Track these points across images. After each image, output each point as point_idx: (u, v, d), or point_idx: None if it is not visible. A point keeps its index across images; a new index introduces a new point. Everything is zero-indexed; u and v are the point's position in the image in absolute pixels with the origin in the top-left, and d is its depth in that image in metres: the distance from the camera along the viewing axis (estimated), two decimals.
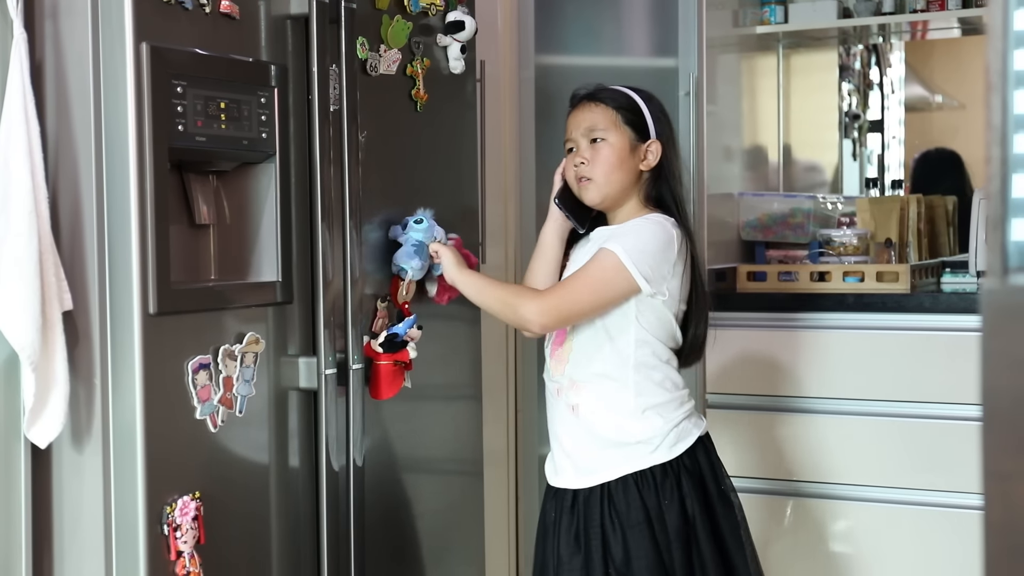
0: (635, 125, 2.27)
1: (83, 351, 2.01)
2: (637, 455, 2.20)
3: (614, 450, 2.21)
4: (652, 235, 2.20)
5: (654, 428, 2.21)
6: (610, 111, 2.27)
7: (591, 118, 2.27)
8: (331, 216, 2.24)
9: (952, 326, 2.91)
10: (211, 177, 2.20)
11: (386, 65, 2.41)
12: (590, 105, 2.29)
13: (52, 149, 2.01)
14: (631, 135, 2.26)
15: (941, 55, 4.42)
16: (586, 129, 2.27)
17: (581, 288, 2.20)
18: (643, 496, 2.18)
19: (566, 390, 2.26)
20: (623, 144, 2.25)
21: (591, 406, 2.23)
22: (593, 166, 2.25)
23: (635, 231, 2.21)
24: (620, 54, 3.50)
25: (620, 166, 2.25)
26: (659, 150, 2.27)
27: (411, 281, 2.35)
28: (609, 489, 2.20)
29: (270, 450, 2.19)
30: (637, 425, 2.21)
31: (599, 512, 2.19)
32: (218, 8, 2.07)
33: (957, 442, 2.87)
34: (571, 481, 2.25)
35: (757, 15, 3.72)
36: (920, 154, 4.39)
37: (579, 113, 2.29)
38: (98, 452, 2.00)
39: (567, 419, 2.26)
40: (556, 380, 2.29)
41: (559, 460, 2.29)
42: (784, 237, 3.51)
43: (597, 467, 2.22)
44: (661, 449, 2.20)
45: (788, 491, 3.09)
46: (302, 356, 2.24)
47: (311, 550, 2.26)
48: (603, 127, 2.26)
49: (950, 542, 2.89)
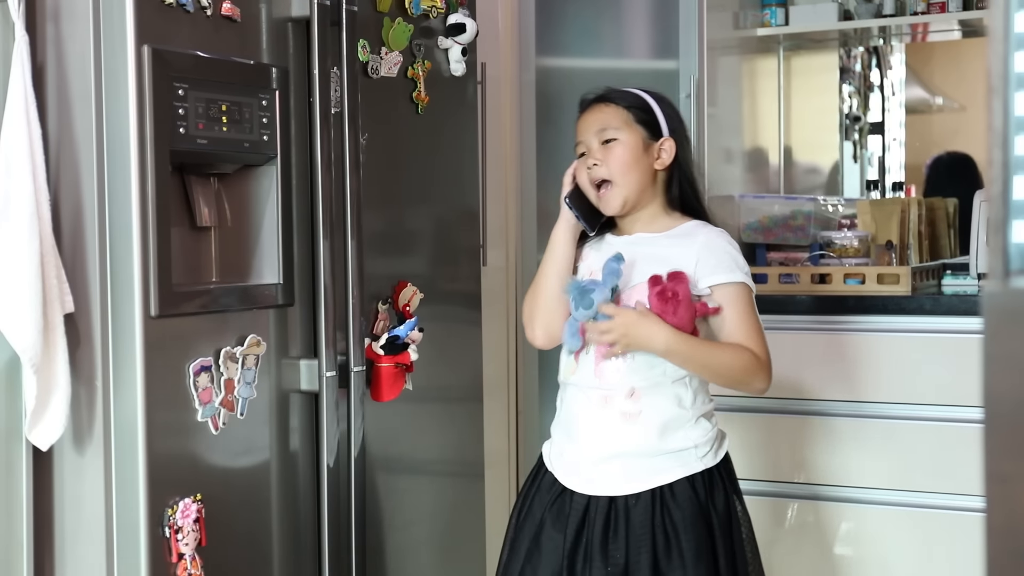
0: (647, 124, 2.22)
1: (84, 353, 2.01)
2: (690, 459, 2.16)
3: (668, 456, 2.15)
4: (736, 247, 2.21)
5: (705, 433, 2.18)
6: (621, 110, 2.22)
7: (602, 119, 2.22)
8: (332, 218, 2.24)
9: (953, 328, 2.91)
10: (212, 179, 2.21)
11: (387, 67, 2.41)
12: (600, 106, 2.23)
13: (53, 152, 2.02)
14: (644, 133, 2.21)
15: (942, 57, 4.42)
16: (598, 130, 2.21)
17: (761, 329, 2.20)
18: (696, 496, 2.14)
19: (620, 398, 2.15)
20: (636, 142, 2.20)
21: (651, 413, 2.14)
22: (607, 165, 2.18)
23: (726, 250, 2.19)
24: (621, 56, 3.50)
25: (635, 164, 2.19)
26: (673, 148, 2.22)
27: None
28: (663, 495, 2.13)
29: (271, 452, 2.19)
30: (693, 431, 2.17)
31: (651, 519, 2.12)
32: (219, 11, 2.08)
33: (958, 444, 2.87)
34: (615, 488, 2.15)
35: (758, 17, 3.72)
36: (933, 158, 4.38)
37: (589, 115, 2.24)
38: (99, 454, 2.00)
39: (617, 427, 2.15)
40: (605, 388, 2.16)
41: (592, 469, 2.17)
42: (785, 239, 3.51)
43: (648, 472, 2.14)
44: (710, 454, 2.19)
45: (790, 493, 3.09)
46: (303, 358, 2.24)
47: (312, 552, 2.27)
48: (615, 126, 2.20)
49: (951, 545, 2.89)
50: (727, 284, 2.15)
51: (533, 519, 2.21)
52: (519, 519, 2.24)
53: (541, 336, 2.25)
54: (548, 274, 2.24)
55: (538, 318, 2.24)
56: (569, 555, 2.14)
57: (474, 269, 2.73)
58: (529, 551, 2.19)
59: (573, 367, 2.20)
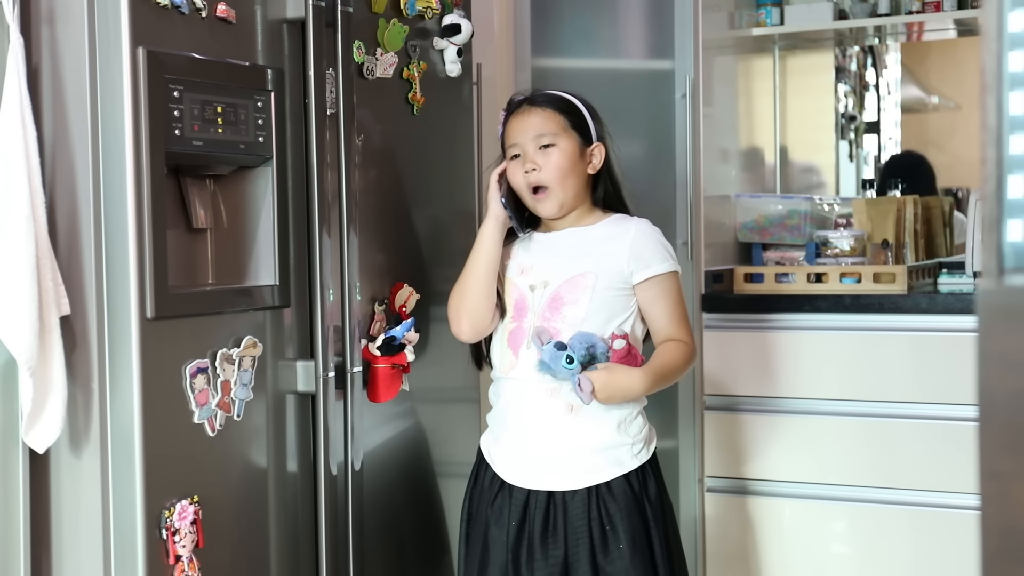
0: (580, 129, 2.30)
1: (81, 356, 2.01)
2: (625, 457, 2.25)
3: (604, 453, 2.24)
4: (660, 235, 2.31)
5: (640, 430, 2.29)
6: (558, 116, 2.29)
7: (538, 123, 2.28)
8: (328, 220, 2.24)
9: (949, 327, 2.91)
10: (208, 181, 2.20)
11: (383, 69, 2.41)
12: (534, 110, 2.29)
13: (49, 154, 2.01)
14: (579, 140, 2.29)
15: (937, 56, 4.42)
16: (535, 135, 2.27)
17: (686, 314, 2.33)
18: (631, 488, 2.23)
19: (567, 390, 2.22)
20: (573, 149, 2.28)
21: (595, 405, 2.22)
22: (546, 171, 2.26)
23: (654, 240, 2.29)
24: (616, 56, 3.50)
25: (572, 170, 2.27)
26: (603, 153, 2.32)
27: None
28: (599, 491, 2.23)
29: (268, 454, 2.19)
30: (631, 426, 2.27)
31: (587, 513, 2.21)
32: (214, 12, 2.08)
33: (954, 442, 2.87)
34: (554, 483, 2.25)
35: (753, 17, 3.72)
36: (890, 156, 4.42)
37: (524, 118, 2.29)
38: (96, 456, 2.00)
39: (560, 420, 2.25)
40: (551, 381, 2.25)
41: (535, 461, 2.26)
42: (781, 239, 3.51)
43: (586, 469, 2.24)
44: (644, 451, 2.28)
45: (785, 492, 3.09)
46: (300, 360, 2.24)
47: (310, 553, 2.27)
48: (552, 131, 2.27)
49: (947, 543, 2.89)
50: (661, 275, 2.27)
51: (480, 520, 2.32)
52: (468, 524, 2.35)
53: (467, 330, 2.34)
54: (476, 270, 2.32)
55: (464, 313, 2.32)
56: (513, 551, 2.25)
57: None
58: (480, 551, 2.30)
59: (512, 362, 2.29)
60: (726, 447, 3.13)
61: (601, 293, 2.24)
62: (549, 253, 2.32)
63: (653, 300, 2.28)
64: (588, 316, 2.24)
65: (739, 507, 3.13)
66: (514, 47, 3.29)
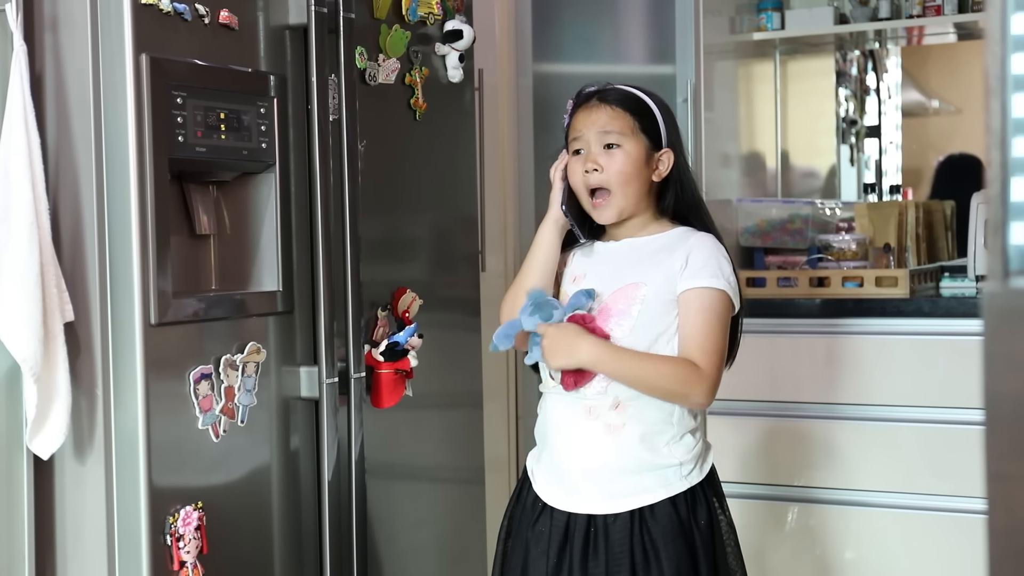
0: (649, 133, 2.14)
1: (85, 362, 2.01)
2: (673, 479, 2.08)
3: (650, 473, 2.08)
4: (724, 255, 2.13)
5: (689, 450, 2.11)
6: (627, 116, 2.12)
7: (606, 120, 2.12)
8: (331, 225, 2.25)
9: (951, 330, 2.91)
10: (211, 187, 2.21)
11: (385, 74, 2.42)
12: (604, 107, 2.13)
13: (53, 160, 2.02)
14: (647, 144, 2.12)
15: (937, 60, 4.42)
16: (600, 132, 2.11)
17: (721, 343, 2.08)
18: (677, 513, 2.07)
19: (605, 409, 2.09)
20: (639, 153, 2.11)
21: (635, 426, 2.07)
22: (608, 174, 2.10)
23: (713, 256, 2.11)
24: (618, 61, 3.50)
25: (636, 176, 2.11)
26: (671, 160, 2.14)
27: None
28: (642, 514, 2.07)
29: (272, 459, 2.20)
30: (677, 448, 2.10)
31: (629, 538, 2.06)
32: (217, 19, 2.08)
33: (959, 446, 2.87)
34: (594, 506, 2.09)
35: (754, 22, 3.72)
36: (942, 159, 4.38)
37: (592, 113, 2.14)
38: (100, 463, 2.00)
39: (600, 440, 2.09)
40: (591, 399, 2.09)
41: (575, 483, 2.11)
42: (783, 243, 3.51)
43: (629, 491, 2.08)
44: (694, 471, 2.11)
45: (789, 496, 3.09)
46: (303, 365, 2.24)
47: (314, 558, 2.27)
48: (619, 131, 2.11)
49: (953, 546, 2.89)
50: (705, 289, 2.07)
51: (520, 540, 2.16)
52: (507, 541, 2.20)
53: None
54: (530, 273, 2.18)
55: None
56: (553, 574, 2.09)
57: (473, 275, 2.73)
58: (520, 572, 2.14)
59: (555, 377, 2.13)
60: (729, 451, 3.12)
61: (651, 305, 2.07)
62: (604, 263, 2.16)
63: (687, 313, 2.06)
64: (635, 328, 2.06)
65: (743, 511, 3.13)
66: (515, 52, 3.29)
